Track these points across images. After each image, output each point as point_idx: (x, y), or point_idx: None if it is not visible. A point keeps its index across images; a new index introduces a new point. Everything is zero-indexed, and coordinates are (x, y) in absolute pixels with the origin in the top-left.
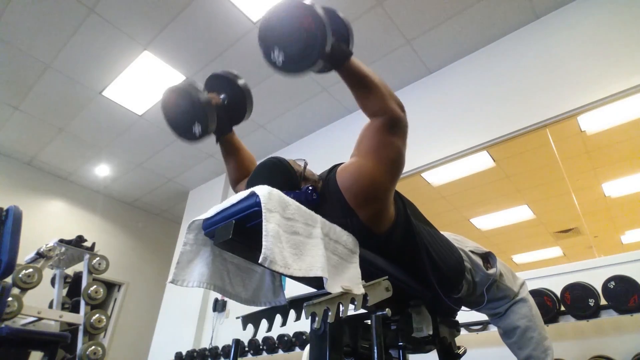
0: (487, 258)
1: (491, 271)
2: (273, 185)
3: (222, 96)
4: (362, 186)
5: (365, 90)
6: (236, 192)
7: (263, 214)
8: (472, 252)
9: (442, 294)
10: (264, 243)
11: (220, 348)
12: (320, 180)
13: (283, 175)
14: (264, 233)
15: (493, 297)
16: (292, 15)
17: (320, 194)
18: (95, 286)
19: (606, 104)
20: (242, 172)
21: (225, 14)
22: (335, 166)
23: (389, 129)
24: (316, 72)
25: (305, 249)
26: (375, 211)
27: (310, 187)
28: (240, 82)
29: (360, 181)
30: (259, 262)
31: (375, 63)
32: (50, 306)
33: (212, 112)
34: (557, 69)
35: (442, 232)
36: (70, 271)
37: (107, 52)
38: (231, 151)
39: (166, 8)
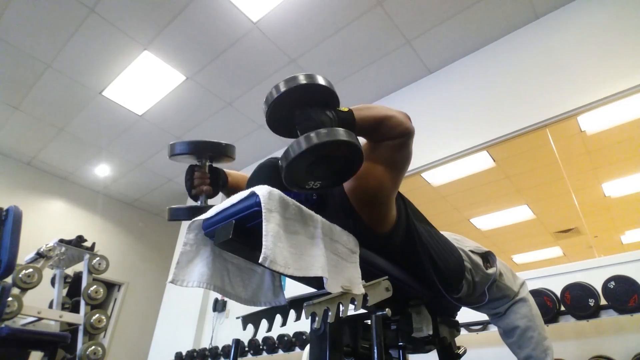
0: (487, 257)
1: (491, 271)
2: (273, 186)
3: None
4: (366, 188)
5: (376, 131)
6: None
7: (263, 214)
8: (472, 251)
9: (443, 293)
10: (264, 243)
11: (220, 348)
12: None
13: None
14: (264, 233)
15: (493, 296)
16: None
17: (320, 195)
18: (95, 286)
19: (606, 104)
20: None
21: (225, 14)
22: None
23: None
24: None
25: (306, 248)
26: (378, 212)
27: None
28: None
29: (365, 183)
30: (259, 262)
31: (375, 63)
32: (50, 306)
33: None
34: (557, 69)
35: (442, 232)
36: (70, 271)
37: (107, 52)
38: (233, 189)
39: (166, 8)
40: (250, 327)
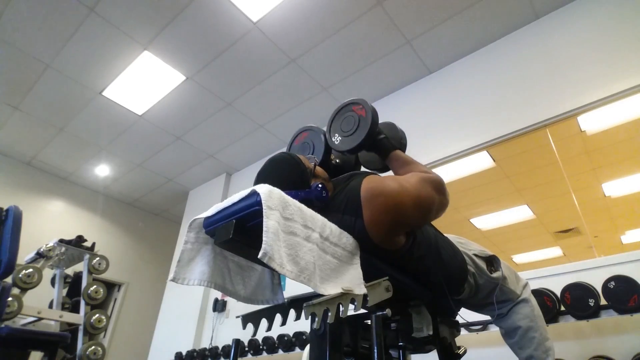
0: (492, 261)
1: (495, 275)
2: (283, 180)
3: (337, 160)
4: (382, 192)
5: (407, 166)
6: None
7: (264, 211)
8: (476, 255)
9: (442, 295)
10: (264, 238)
11: (220, 348)
12: (331, 181)
13: (293, 171)
14: (264, 229)
15: (496, 299)
16: (348, 106)
17: (332, 194)
18: (95, 286)
19: (606, 104)
20: None
21: (225, 14)
22: (356, 174)
23: (424, 180)
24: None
25: (301, 251)
26: (380, 222)
27: (320, 185)
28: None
29: (382, 185)
30: (259, 257)
31: (375, 63)
32: (50, 306)
33: (327, 159)
34: (557, 69)
35: (446, 235)
36: (70, 271)
37: (107, 52)
38: None
39: (166, 8)
40: (250, 326)
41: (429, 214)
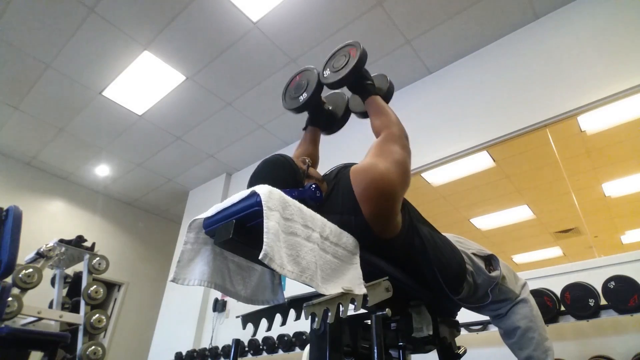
0: (490, 261)
1: (494, 274)
2: (276, 181)
3: (330, 107)
4: (372, 180)
5: (377, 115)
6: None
7: (264, 212)
8: (474, 254)
9: (442, 294)
10: (264, 239)
11: (220, 348)
12: (324, 181)
13: (287, 172)
14: (264, 230)
15: (495, 299)
16: (345, 47)
17: (325, 194)
18: (95, 286)
19: (606, 104)
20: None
21: (225, 14)
22: (345, 166)
23: (391, 140)
24: (353, 92)
25: (302, 251)
26: (381, 211)
27: (313, 185)
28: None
29: (370, 176)
30: (259, 258)
31: (375, 63)
32: (50, 306)
33: (318, 95)
34: (557, 69)
35: (444, 234)
36: (70, 271)
37: (107, 52)
38: (307, 140)
39: (166, 8)
40: (250, 326)
41: (409, 174)
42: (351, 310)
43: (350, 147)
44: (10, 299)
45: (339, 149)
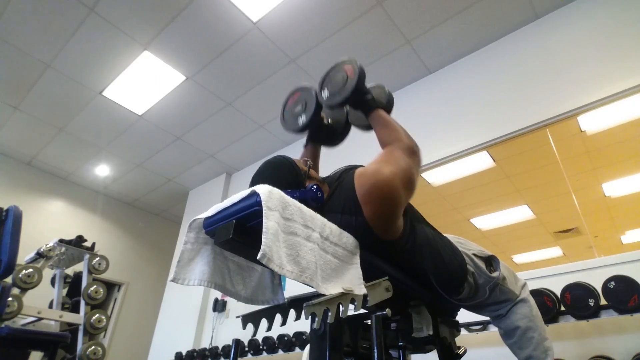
0: (491, 261)
1: (494, 274)
2: (278, 182)
3: (329, 120)
4: (375, 183)
5: (384, 129)
6: None
7: (263, 212)
8: (475, 255)
9: (443, 295)
10: (263, 240)
11: (220, 348)
12: (325, 182)
13: (288, 173)
14: (264, 230)
15: (495, 299)
16: (340, 65)
17: (327, 195)
18: (95, 286)
19: (606, 104)
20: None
21: (225, 14)
22: (349, 168)
23: (400, 148)
24: (354, 109)
25: (302, 251)
26: (382, 214)
27: (315, 186)
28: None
29: (374, 179)
30: (257, 258)
31: (375, 63)
32: (50, 306)
33: (318, 116)
34: (557, 69)
35: (445, 235)
36: (70, 271)
37: (107, 52)
38: (308, 157)
39: (166, 8)
40: (250, 326)
41: (414, 182)
42: (351, 310)
43: (350, 149)
44: (10, 299)
45: (340, 152)
